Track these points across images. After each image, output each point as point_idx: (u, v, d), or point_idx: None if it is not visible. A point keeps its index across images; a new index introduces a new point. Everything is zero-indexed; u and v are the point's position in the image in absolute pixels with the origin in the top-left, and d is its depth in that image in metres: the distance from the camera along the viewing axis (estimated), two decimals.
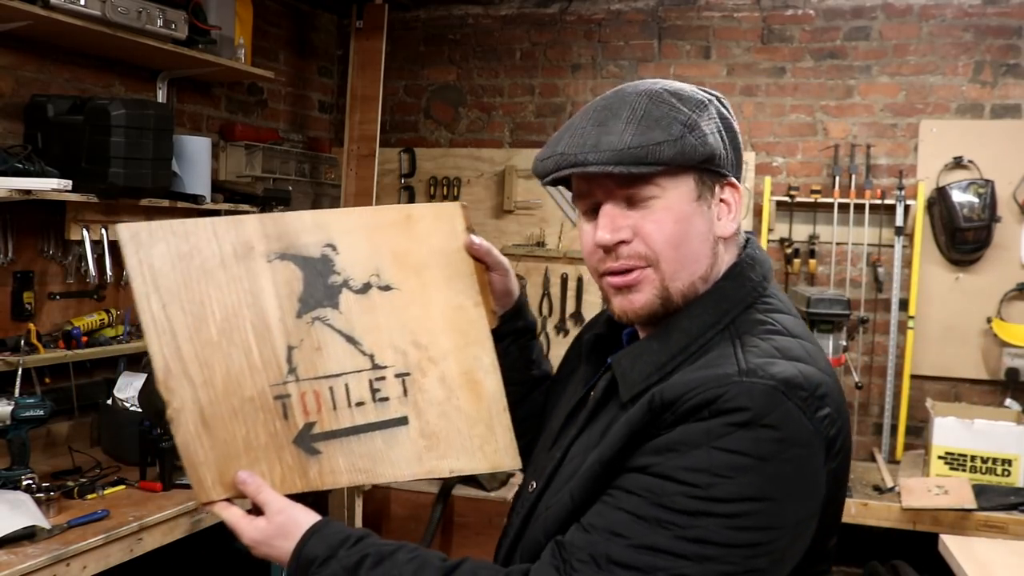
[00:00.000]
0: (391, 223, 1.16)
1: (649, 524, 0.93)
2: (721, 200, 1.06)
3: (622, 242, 1.04)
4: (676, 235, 1.03)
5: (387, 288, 1.16)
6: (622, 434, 1.00)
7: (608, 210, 1.04)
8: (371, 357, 1.15)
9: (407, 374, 1.16)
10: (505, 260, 1.24)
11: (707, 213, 1.05)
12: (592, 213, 1.08)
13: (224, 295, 1.11)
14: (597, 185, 1.05)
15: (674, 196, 1.03)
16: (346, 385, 1.15)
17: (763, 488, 0.92)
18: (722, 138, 1.05)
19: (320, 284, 1.14)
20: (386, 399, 1.15)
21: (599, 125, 1.02)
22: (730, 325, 1.04)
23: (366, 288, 1.15)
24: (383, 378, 1.15)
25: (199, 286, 1.11)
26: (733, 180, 1.07)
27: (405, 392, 1.16)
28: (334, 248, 1.14)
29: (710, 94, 1.08)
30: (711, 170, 1.04)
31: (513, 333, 1.31)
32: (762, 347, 1.00)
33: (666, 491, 0.93)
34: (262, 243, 1.13)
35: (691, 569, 0.91)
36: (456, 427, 1.16)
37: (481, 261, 1.18)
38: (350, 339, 1.15)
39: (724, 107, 1.08)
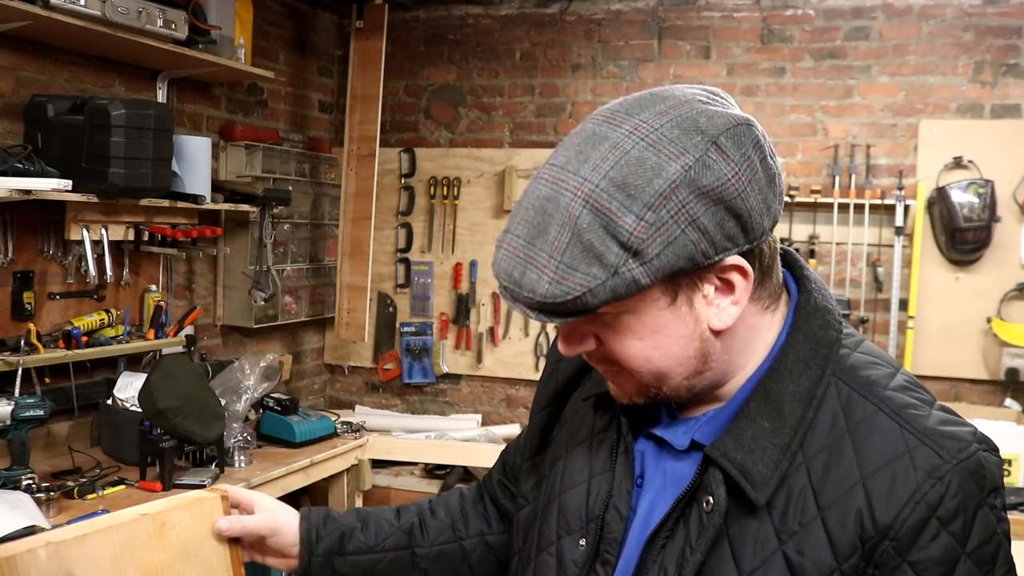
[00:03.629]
0: (143, 537, 1.03)
1: None
2: (721, 280, 0.84)
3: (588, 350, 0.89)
4: (642, 352, 0.85)
5: None
6: (827, 568, 0.82)
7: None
8: None
9: None
10: (271, 518, 1.10)
11: (688, 314, 0.84)
12: None
13: None
14: None
15: (640, 307, 0.83)
16: None
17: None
18: (700, 227, 0.79)
19: None
20: None
21: (529, 243, 0.81)
22: (832, 375, 0.87)
23: None
24: None
25: None
26: (735, 259, 0.82)
27: None
28: None
29: (709, 137, 0.79)
30: (684, 272, 0.82)
31: (336, 553, 1.12)
32: (912, 402, 0.86)
33: None
34: None
35: None
36: None
37: (250, 536, 1.09)
38: None
39: (731, 148, 0.80)
